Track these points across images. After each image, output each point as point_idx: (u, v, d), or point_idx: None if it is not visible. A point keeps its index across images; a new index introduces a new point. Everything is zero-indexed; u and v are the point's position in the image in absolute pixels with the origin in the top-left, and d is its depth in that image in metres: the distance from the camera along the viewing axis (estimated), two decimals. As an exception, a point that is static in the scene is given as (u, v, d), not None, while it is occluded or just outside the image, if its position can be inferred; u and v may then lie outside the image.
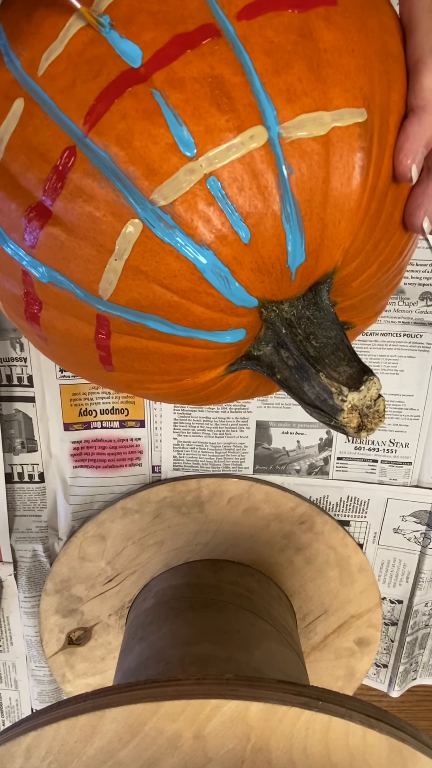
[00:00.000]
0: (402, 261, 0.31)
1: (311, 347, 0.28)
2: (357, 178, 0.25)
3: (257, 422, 0.50)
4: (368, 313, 0.34)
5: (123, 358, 0.28)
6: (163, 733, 0.26)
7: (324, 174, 0.24)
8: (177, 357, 0.28)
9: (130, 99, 0.23)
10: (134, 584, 0.51)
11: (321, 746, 0.26)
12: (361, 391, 0.26)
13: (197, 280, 0.25)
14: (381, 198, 0.26)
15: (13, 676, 0.57)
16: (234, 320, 0.27)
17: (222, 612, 0.43)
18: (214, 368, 0.30)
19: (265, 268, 0.25)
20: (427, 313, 0.46)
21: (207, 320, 0.26)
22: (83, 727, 0.26)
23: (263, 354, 0.29)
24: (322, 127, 0.24)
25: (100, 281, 0.25)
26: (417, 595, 0.54)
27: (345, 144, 0.24)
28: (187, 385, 0.30)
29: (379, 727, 0.26)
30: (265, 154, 0.24)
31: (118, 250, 0.25)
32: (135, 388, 0.31)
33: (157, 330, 0.26)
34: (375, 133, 0.25)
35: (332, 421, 0.27)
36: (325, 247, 0.26)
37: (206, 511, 0.49)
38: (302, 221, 0.25)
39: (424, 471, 0.51)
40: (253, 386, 0.34)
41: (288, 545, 0.50)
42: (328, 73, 0.24)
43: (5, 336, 0.46)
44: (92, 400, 0.48)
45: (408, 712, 0.59)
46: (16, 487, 0.51)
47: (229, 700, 0.26)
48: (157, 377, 0.29)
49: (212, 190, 0.24)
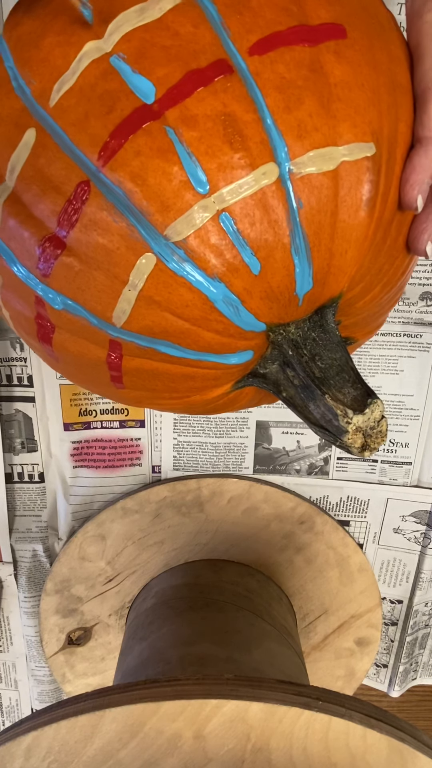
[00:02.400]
0: (403, 280, 0.32)
1: (317, 368, 0.28)
2: (364, 209, 0.25)
3: (257, 422, 0.50)
4: (369, 327, 0.34)
5: (133, 378, 0.29)
6: (163, 733, 0.26)
7: (332, 207, 0.25)
8: (186, 377, 0.29)
9: (144, 136, 0.24)
10: (134, 584, 0.51)
11: (321, 746, 0.26)
12: (365, 414, 0.27)
13: (209, 310, 0.26)
14: (387, 227, 0.27)
15: (13, 676, 0.57)
16: (242, 343, 0.28)
17: (222, 612, 0.43)
18: (222, 386, 0.31)
19: (273, 296, 0.26)
20: (427, 313, 0.46)
21: (216, 345, 0.27)
22: (83, 727, 0.26)
23: (269, 372, 0.30)
24: (331, 162, 0.24)
25: (114, 309, 0.26)
26: (417, 595, 0.54)
27: (353, 177, 0.25)
28: (194, 401, 0.31)
29: (379, 727, 0.26)
30: (276, 189, 0.24)
31: (132, 281, 0.25)
32: (144, 403, 0.32)
33: (168, 354, 0.27)
34: (383, 166, 0.25)
35: (337, 441, 0.28)
36: (332, 275, 0.27)
37: (206, 511, 0.49)
38: (311, 252, 0.25)
39: (424, 471, 0.51)
40: (258, 397, 0.35)
41: (288, 545, 0.50)
42: (338, 107, 0.24)
43: (5, 336, 0.46)
44: (92, 400, 0.48)
45: (408, 712, 0.59)
46: (16, 487, 0.51)
47: (229, 700, 0.26)
48: (166, 394, 0.30)
49: (224, 226, 0.24)
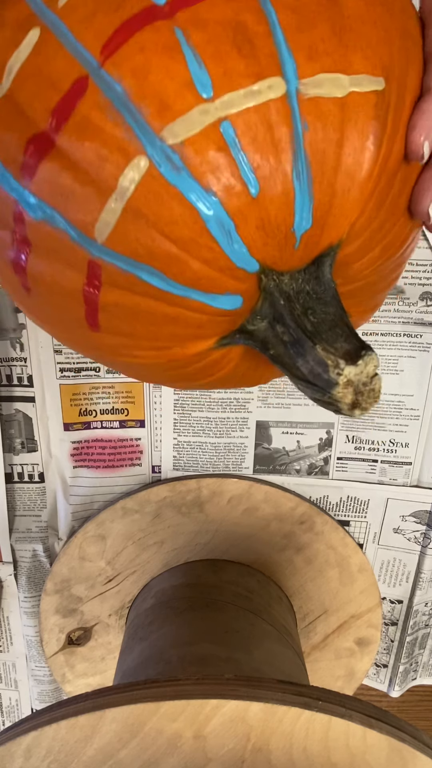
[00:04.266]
0: (403, 252, 0.31)
1: (309, 322, 0.27)
2: (370, 147, 0.24)
3: (257, 422, 0.50)
4: (365, 305, 0.33)
5: (110, 316, 0.27)
6: (163, 733, 0.26)
7: (338, 137, 0.24)
8: (168, 319, 0.27)
9: (150, 33, 0.23)
10: (134, 584, 0.51)
11: (321, 746, 0.26)
12: (358, 366, 0.26)
13: (199, 230, 0.24)
14: (391, 175, 0.26)
15: (13, 676, 0.57)
16: (232, 284, 0.26)
17: (222, 612, 0.43)
18: (206, 338, 0.29)
19: (270, 228, 0.25)
20: (427, 313, 0.46)
21: (204, 279, 0.25)
22: (83, 727, 0.26)
23: (258, 329, 0.28)
24: (340, 89, 0.23)
25: (97, 222, 0.24)
26: (417, 595, 0.54)
27: (361, 110, 0.24)
28: (175, 355, 0.29)
29: (379, 727, 0.26)
30: (282, 106, 0.23)
31: (120, 188, 0.23)
32: (120, 355, 0.30)
33: (151, 284, 0.25)
34: (391, 105, 0.25)
35: (326, 396, 0.27)
36: (333, 215, 0.25)
37: (206, 511, 0.49)
38: (312, 183, 0.24)
39: (424, 471, 0.51)
40: (241, 370, 0.33)
41: (288, 545, 0.50)
42: (350, 38, 0.24)
43: (5, 336, 0.46)
44: (92, 400, 0.48)
45: (408, 712, 0.59)
46: (16, 487, 0.51)
47: (229, 700, 0.26)
48: (145, 342, 0.28)
49: (225, 136, 0.23)
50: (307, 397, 0.28)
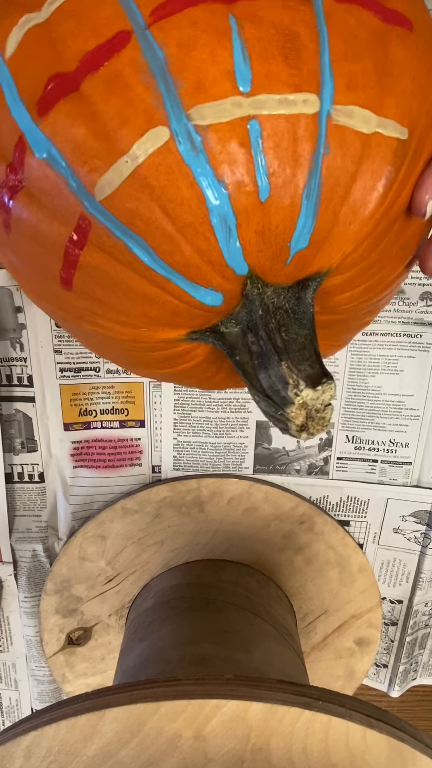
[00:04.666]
0: (381, 299, 0.31)
1: (280, 338, 0.27)
2: (380, 189, 0.25)
3: (257, 422, 0.50)
4: (334, 340, 0.33)
5: (87, 278, 0.26)
6: (163, 733, 0.26)
7: (354, 170, 0.24)
8: (145, 298, 0.26)
9: (204, 11, 0.23)
10: (134, 584, 0.51)
11: (321, 746, 0.26)
12: (317, 391, 0.26)
13: (201, 218, 0.24)
14: (390, 222, 0.26)
15: (13, 676, 0.57)
16: (217, 280, 0.26)
17: (222, 612, 0.43)
18: (177, 328, 0.28)
19: (269, 236, 0.25)
20: (427, 313, 0.46)
21: (192, 267, 0.25)
22: (83, 727, 0.26)
23: (230, 333, 0.29)
24: (367, 126, 0.24)
25: (101, 177, 0.23)
26: (417, 595, 0.54)
27: (380, 152, 0.25)
28: (141, 336, 0.28)
29: (379, 727, 0.26)
30: (311, 124, 0.23)
31: (134, 152, 0.23)
32: (84, 320, 0.29)
33: (138, 257, 0.25)
34: (407, 157, 0.25)
35: (278, 412, 0.27)
36: (329, 243, 0.26)
37: (206, 511, 0.49)
38: (319, 206, 0.25)
39: (424, 471, 0.50)
40: (202, 370, 0.33)
41: (288, 545, 0.50)
42: (388, 82, 0.24)
43: (5, 336, 0.46)
44: (92, 400, 0.48)
45: (408, 712, 0.59)
46: (16, 487, 0.51)
47: (229, 700, 0.26)
48: (114, 315, 0.27)
49: (251, 133, 0.23)
50: (260, 409, 0.28)
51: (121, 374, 0.48)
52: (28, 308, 0.45)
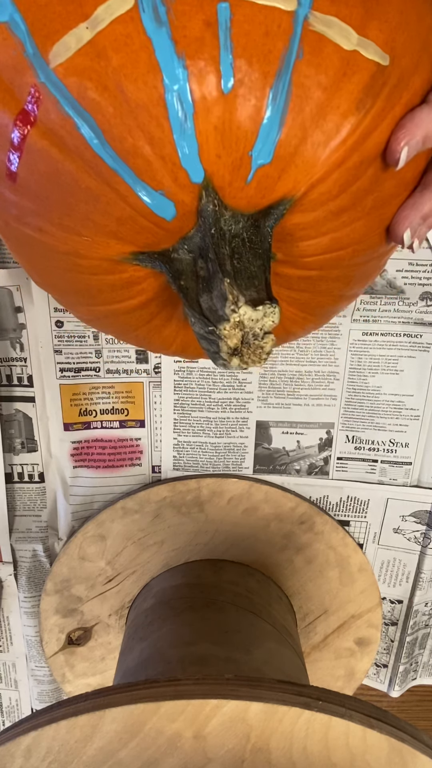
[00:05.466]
0: (355, 263, 0.29)
1: (231, 264, 0.25)
2: (355, 114, 0.23)
3: (257, 422, 0.50)
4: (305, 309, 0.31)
5: (32, 168, 0.24)
6: (163, 733, 0.26)
7: (328, 84, 0.23)
8: (89, 195, 0.24)
9: None
10: (134, 584, 0.51)
11: (321, 746, 0.26)
12: (257, 311, 0.25)
13: (156, 99, 0.22)
14: (363, 161, 0.25)
15: (13, 676, 0.57)
16: (170, 183, 0.24)
17: (222, 612, 0.43)
18: (121, 241, 0.26)
19: (228, 137, 0.23)
20: (427, 313, 0.46)
21: (142, 159, 0.23)
22: (83, 727, 0.26)
23: (180, 260, 0.27)
24: (346, 41, 0.23)
25: (57, 42, 0.22)
26: (417, 595, 0.54)
27: (358, 72, 0.23)
28: (81, 247, 0.26)
29: (379, 727, 0.26)
30: (285, 22, 0.22)
31: (95, 17, 0.21)
32: (24, 223, 0.27)
33: (85, 140, 0.23)
34: (386, 88, 0.24)
35: (210, 329, 0.25)
36: (294, 164, 0.24)
37: (206, 511, 0.49)
38: (286, 114, 0.23)
39: (424, 471, 0.50)
40: (154, 316, 0.31)
41: (288, 545, 0.50)
42: (374, 7, 0.23)
43: (5, 336, 0.46)
44: (92, 400, 0.48)
45: (408, 712, 0.59)
46: (16, 487, 0.51)
47: (229, 700, 0.26)
48: (55, 216, 0.25)
49: (219, 15, 0.21)
50: (195, 333, 0.26)
51: (121, 374, 0.48)
52: (28, 308, 0.45)
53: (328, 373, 0.48)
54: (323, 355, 0.47)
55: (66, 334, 0.46)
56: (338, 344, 0.47)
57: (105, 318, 0.32)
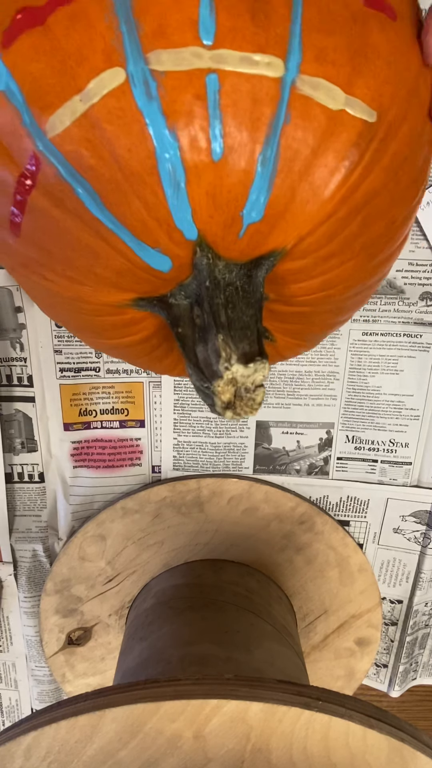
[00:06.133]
0: (346, 298, 0.30)
1: (225, 314, 0.26)
2: (342, 171, 0.24)
3: (257, 422, 0.50)
4: (297, 336, 0.32)
5: (34, 224, 0.25)
6: (163, 733, 0.26)
7: (315, 145, 0.24)
8: (90, 251, 0.25)
9: None
10: (134, 584, 0.51)
11: (321, 746, 0.26)
12: (248, 368, 0.25)
13: (149, 168, 0.23)
14: (352, 210, 0.26)
15: (13, 676, 0.57)
16: (165, 241, 0.25)
17: (222, 612, 0.43)
18: (122, 290, 0.27)
19: (220, 200, 0.24)
20: (427, 313, 0.46)
21: (139, 222, 0.24)
22: (83, 727, 0.26)
23: (177, 306, 0.28)
24: (333, 102, 0.23)
25: (53, 114, 0.23)
26: (417, 595, 0.54)
27: (346, 132, 0.24)
28: (86, 295, 0.28)
29: (379, 727, 0.26)
30: (273, 88, 0.23)
31: (89, 91, 0.22)
32: (31, 271, 0.28)
33: (84, 204, 0.24)
34: (374, 142, 0.25)
35: (205, 385, 0.26)
36: (284, 220, 0.25)
37: (206, 511, 0.49)
38: (275, 176, 0.24)
39: (424, 471, 0.51)
40: (152, 347, 0.32)
41: (288, 545, 0.50)
42: (361, 63, 0.24)
43: (5, 336, 0.46)
44: (92, 400, 0.48)
45: (408, 712, 0.59)
46: (16, 487, 0.51)
47: (229, 700, 0.26)
48: (59, 267, 0.27)
49: (208, 87, 0.22)
50: (192, 383, 0.27)
51: (121, 374, 0.48)
52: (28, 308, 0.45)
53: (328, 373, 0.48)
54: (323, 355, 0.47)
55: (66, 334, 0.46)
56: (338, 344, 0.47)
57: (110, 348, 0.33)
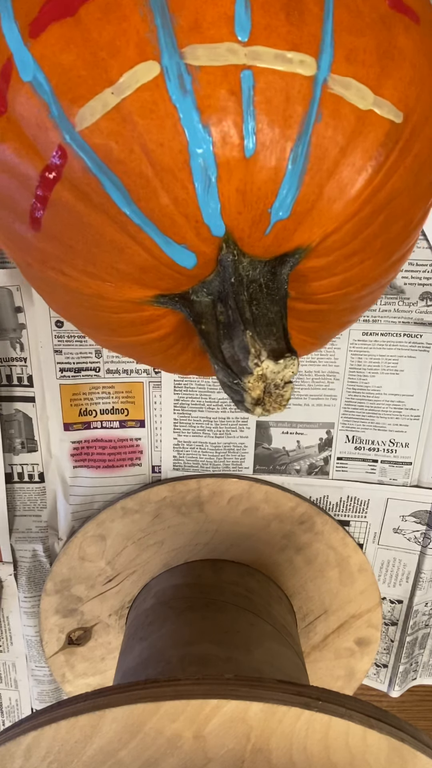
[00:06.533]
0: (362, 296, 0.30)
1: (250, 311, 0.26)
2: (368, 170, 0.24)
3: (257, 422, 0.50)
4: (311, 335, 0.33)
5: (56, 218, 0.25)
6: (163, 733, 0.26)
7: (344, 144, 0.24)
8: (114, 246, 0.25)
9: None
10: (134, 584, 0.51)
11: (321, 746, 0.26)
12: (278, 364, 0.25)
13: (181, 163, 0.23)
14: (376, 209, 0.26)
15: (13, 676, 0.57)
16: (192, 237, 0.25)
17: (222, 612, 0.43)
18: (144, 287, 0.27)
19: (250, 196, 0.24)
20: (427, 313, 0.46)
21: (167, 217, 0.24)
22: (83, 727, 0.26)
23: (199, 303, 0.28)
24: (363, 102, 0.23)
25: (83, 106, 0.22)
26: (417, 595, 0.54)
27: (373, 131, 0.24)
28: (106, 292, 0.27)
29: (379, 727, 0.26)
30: (305, 86, 0.23)
31: (121, 84, 0.22)
32: (48, 266, 0.27)
33: (111, 198, 0.24)
34: (399, 143, 0.25)
35: (235, 381, 0.26)
36: (311, 217, 0.25)
37: (206, 511, 0.49)
38: (305, 174, 0.24)
39: (424, 471, 0.50)
40: (169, 345, 0.31)
41: (288, 545, 0.50)
42: (389, 65, 0.24)
43: (5, 336, 0.46)
44: (92, 400, 0.48)
45: (408, 712, 0.59)
46: (16, 487, 0.51)
47: (229, 700, 0.26)
48: (80, 263, 0.26)
49: (243, 83, 0.22)
50: (218, 380, 0.27)
51: (121, 374, 0.48)
52: (28, 308, 0.45)
53: (328, 373, 0.48)
54: (323, 355, 0.47)
55: (66, 334, 0.46)
56: (338, 344, 0.47)
57: (123, 347, 0.33)
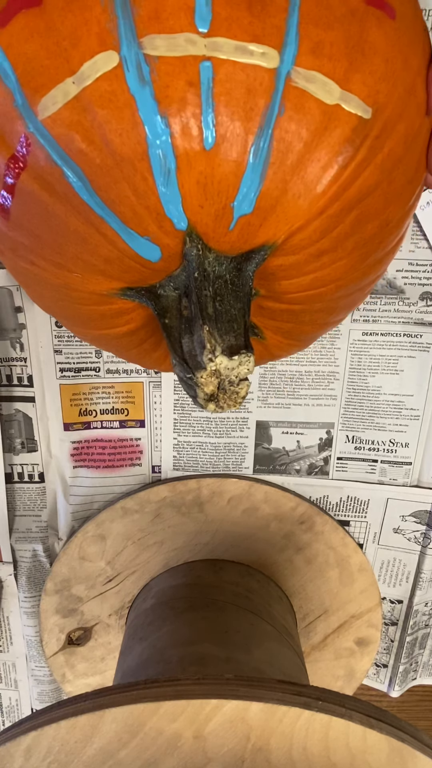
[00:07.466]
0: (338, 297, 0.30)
1: (212, 307, 0.26)
2: (335, 166, 0.24)
3: (257, 422, 0.50)
4: (289, 336, 0.32)
5: (23, 207, 0.25)
6: (163, 733, 0.26)
7: (309, 139, 0.23)
8: (78, 237, 0.25)
9: None
10: (134, 584, 0.51)
11: (321, 746, 0.26)
12: (233, 360, 0.25)
13: (140, 154, 0.23)
14: (345, 207, 0.25)
15: (13, 676, 0.57)
16: (154, 230, 0.25)
17: (222, 612, 0.43)
18: (111, 279, 0.27)
19: (210, 190, 0.24)
20: (427, 313, 0.46)
21: (128, 209, 0.24)
22: (83, 727, 0.26)
23: (165, 297, 0.28)
24: (328, 96, 0.23)
25: (45, 95, 0.23)
26: (417, 595, 0.54)
27: (340, 127, 0.23)
28: (73, 282, 0.27)
29: (379, 727, 0.26)
30: (267, 79, 0.23)
31: (82, 73, 0.22)
32: (20, 257, 0.28)
33: (73, 188, 0.24)
34: (368, 139, 0.24)
35: (188, 376, 0.26)
36: (275, 213, 0.25)
37: (206, 511, 0.49)
38: (267, 168, 0.23)
39: (424, 471, 0.50)
40: (143, 342, 0.32)
41: (288, 545, 0.50)
42: (358, 59, 0.23)
43: (5, 336, 0.46)
44: (92, 400, 0.48)
45: (408, 712, 0.59)
46: (16, 487, 0.51)
47: (229, 700, 0.26)
48: (47, 253, 0.27)
49: (202, 74, 0.22)
50: (176, 375, 0.27)
51: (121, 374, 0.48)
52: (28, 308, 0.45)
53: (328, 373, 0.48)
54: (323, 355, 0.47)
55: (66, 334, 0.46)
56: (338, 344, 0.47)
57: (99, 339, 0.33)
